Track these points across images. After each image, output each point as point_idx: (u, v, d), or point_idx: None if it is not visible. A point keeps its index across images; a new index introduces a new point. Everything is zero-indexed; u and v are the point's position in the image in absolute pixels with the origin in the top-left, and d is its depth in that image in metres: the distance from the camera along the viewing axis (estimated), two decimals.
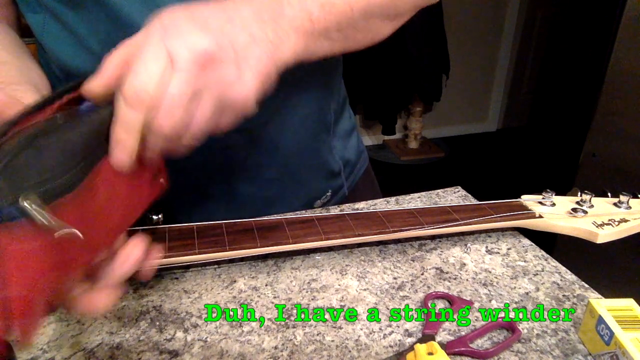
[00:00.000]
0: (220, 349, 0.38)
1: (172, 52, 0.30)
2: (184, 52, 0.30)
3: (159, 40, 0.30)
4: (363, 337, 0.39)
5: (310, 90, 0.53)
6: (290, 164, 0.56)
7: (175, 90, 0.30)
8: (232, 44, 0.32)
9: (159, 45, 0.30)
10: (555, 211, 0.52)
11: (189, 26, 0.31)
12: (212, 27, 0.32)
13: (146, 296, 0.44)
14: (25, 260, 0.27)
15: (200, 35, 0.31)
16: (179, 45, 0.30)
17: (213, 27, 0.32)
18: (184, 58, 0.30)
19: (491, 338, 0.39)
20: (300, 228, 0.47)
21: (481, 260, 0.49)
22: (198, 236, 0.45)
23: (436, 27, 2.66)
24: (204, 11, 0.33)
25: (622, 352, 0.34)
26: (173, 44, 0.30)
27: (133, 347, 0.38)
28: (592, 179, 1.57)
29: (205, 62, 0.31)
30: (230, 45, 0.32)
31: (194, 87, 0.31)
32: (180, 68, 0.30)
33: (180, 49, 0.30)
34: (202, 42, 0.31)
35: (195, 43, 0.31)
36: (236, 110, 0.34)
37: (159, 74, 0.30)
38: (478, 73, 3.23)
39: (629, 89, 1.41)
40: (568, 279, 0.47)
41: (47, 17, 0.45)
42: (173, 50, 0.30)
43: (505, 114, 3.45)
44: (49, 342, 0.39)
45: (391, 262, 0.49)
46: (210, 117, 0.32)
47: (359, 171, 0.68)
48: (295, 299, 0.43)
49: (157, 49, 0.30)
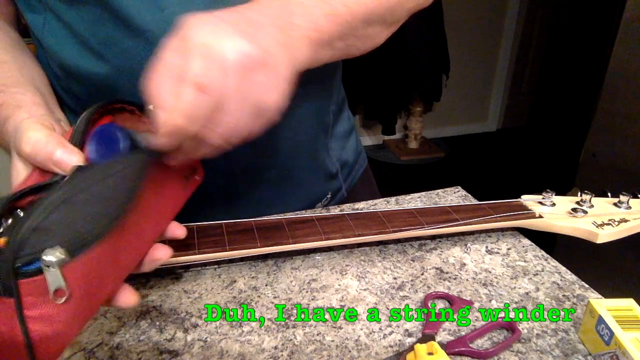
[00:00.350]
0: (220, 349, 0.38)
1: (220, 54, 0.30)
2: (233, 55, 0.30)
3: (202, 43, 0.30)
4: (363, 337, 0.39)
5: (308, 93, 0.53)
6: (289, 166, 0.56)
7: (228, 95, 0.30)
8: (266, 49, 0.32)
9: (203, 46, 0.30)
10: (555, 211, 0.52)
11: (227, 30, 0.31)
12: (246, 31, 0.32)
13: (146, 296, 0.44)
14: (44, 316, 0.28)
15: (241, 40, 0.31)
16: (227, 47, 0.30)
17: (248, 32, 0.32)
18: (233, 61, 0.30)
19: (491, 338, 0.39)
20: (300, 228, 0.47)
21: (481, 260, 0.49)
22: (198, 236, 0.45)
23: (436, 27, 2.66)
24: (229, 16, 0.33)
25: (622, 352, 0.34)
26: (220, 44, 0.30)
27: (133, 347, 0.38)
28: (592, 179, 1.57)
29: (252, 65, 0.31)
30: (265, 50, 0.32)
31: (241, 91, 0.31)
32: (230, 71, 0.30)
33: (228, 51, 0.30)
34: (245, 47, 0.30)
35: (240, 46, 0.30)
36: (268, 115, 0.34)
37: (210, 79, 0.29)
38: (478, 73, 3.23)
39: (629, 89, 1.41)
40: (568, 279, 0.47)
41: (48, 17, 0.45)
42: (221, 52, 0.30)
43: (505, 114, 3.45)
44: None
45: (391, 262, 0.49)
46: (248, 122, 0.32)
47: (357, 172, 0.68)
48: (295, 299, 0.43)
49: (201, 49, 0.30)
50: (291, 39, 0.35)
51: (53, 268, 0.27)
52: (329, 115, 0.59)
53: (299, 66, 0.36)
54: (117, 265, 0.32)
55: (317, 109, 0.56)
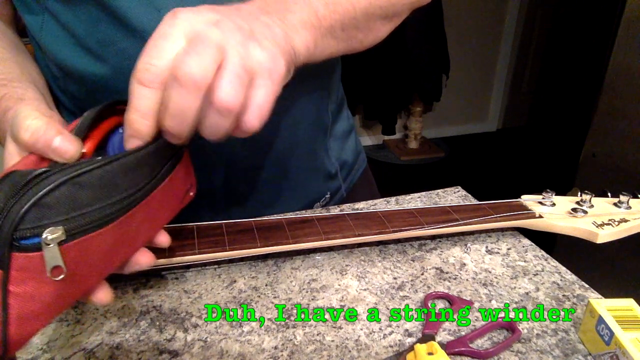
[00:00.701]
0: (220, 349, 0.38)
1: (194, 33, 0.30)
2: (202, 27, 0.30)
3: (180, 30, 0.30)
4: (363, 337, 0.39)
5: (307, 92, 0.53)
6: (287, 166, 0.56)
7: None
8: (243, 25, 0.32)
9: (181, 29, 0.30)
10: (555, 211, 0.52)
11: (211, 19, 0.31)
12: (222, 11, 0.32)
13: (146, 296, 0.44)
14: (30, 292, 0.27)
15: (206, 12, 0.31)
16: (195, 22, 0.30)
17: (222, 11, 0.32)
18: (203, 31, 0.30)
19: (491, 338, 0.39)
20: (300, 228, 0.47)
21: (481, 260, 0.49)
22: (198, 236, 0.45)
23: (436, 27, 2.66)
24: (215, 9, 0.33)
25: (622, 352, 0.34)
26: (190, 20, 0.30)
27: (133, 347, 0.38)
28: (592, 179, 1.57)
29: (214, 23, 0.31)
30: (242, 25, 0.32)
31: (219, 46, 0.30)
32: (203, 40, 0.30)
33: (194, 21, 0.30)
34: (211, 15, 0.31)
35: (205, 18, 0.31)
36: (269, 76, 0.32)
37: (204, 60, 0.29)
38: (478, 73, 3.23)
39: (629, 89, 1.41)
40: (568, 279, 0.47)
41: (46, 18, 0.45)
42: (195, 30, 0.30)
43: (505, 114, 3.45)
44: (49, 342, 0.39)
45: (391, 262, 0.49)
46: (240, 85, 0.31)
47: (357, 172, 0.68)
48: (295, 299, 0.43)
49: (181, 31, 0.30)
50: (287, 24, 0.36)
51: (53, 246, 0.27)
52: (328, 115, 0.59)
53: (299, 49, 0.36)
54: (108, 259, 0.32)
55: (314, 109, 0.56)
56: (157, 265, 0.43)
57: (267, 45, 0.32)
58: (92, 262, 0.30)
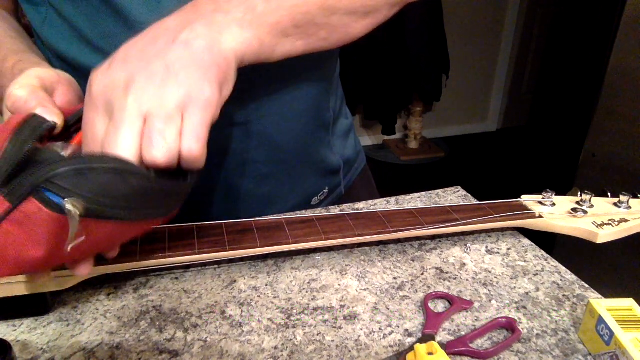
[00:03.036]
0: (220, 349, 0.38)
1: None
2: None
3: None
4: (363, 337, 0.39)
5: (306, 86, 0.53)
6: (287, 160, 0.56)
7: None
8: (156, 67, 0.33)
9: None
10: (555, 211, 0.52)
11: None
12: (133, 56, 0.34)
13: (146, 296, 0.44)
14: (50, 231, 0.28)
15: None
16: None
17: (134, 56, 0.34)
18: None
19: (491, 338, 0.39)
20: (300, 228, 0.47)
21: (481, 260, 0.49)
22: (198, 236, 0.45)
23: (436, 27, 2.66)
24: (126, 57, 0.34)
25: (622, 352, 0.34)
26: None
27: (133, 347, 0.38)
28: (592, 179, 1.57)
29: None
30: (155, 70, 0.33)
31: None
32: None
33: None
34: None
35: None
36: (195, 104, 0.33)
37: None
38: (478, 73, 3.23)
39: (629, 89, 1.41)
40: (568, 279, 0.47)
41: (48, 11, 0.45)
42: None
43: (505, 114, 3.45)
44: (49, 342, 0.39)
45: (391, 262, 0.49)
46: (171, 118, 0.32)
47: (357, 170, 0.69)
48: (295, 299, 0.43)
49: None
50: (214, 25, 0.35)
51: (76, 213, 0.27)
52: (329, 112, 0.59)
53: (232, 48, 0.36)
54: (94, 247, 0.34)
55: (314, 104, 0.56)
56: (158, 265, 0.43)
57: (183, 78, 0.33)
58: (83, 244, 0.31)
